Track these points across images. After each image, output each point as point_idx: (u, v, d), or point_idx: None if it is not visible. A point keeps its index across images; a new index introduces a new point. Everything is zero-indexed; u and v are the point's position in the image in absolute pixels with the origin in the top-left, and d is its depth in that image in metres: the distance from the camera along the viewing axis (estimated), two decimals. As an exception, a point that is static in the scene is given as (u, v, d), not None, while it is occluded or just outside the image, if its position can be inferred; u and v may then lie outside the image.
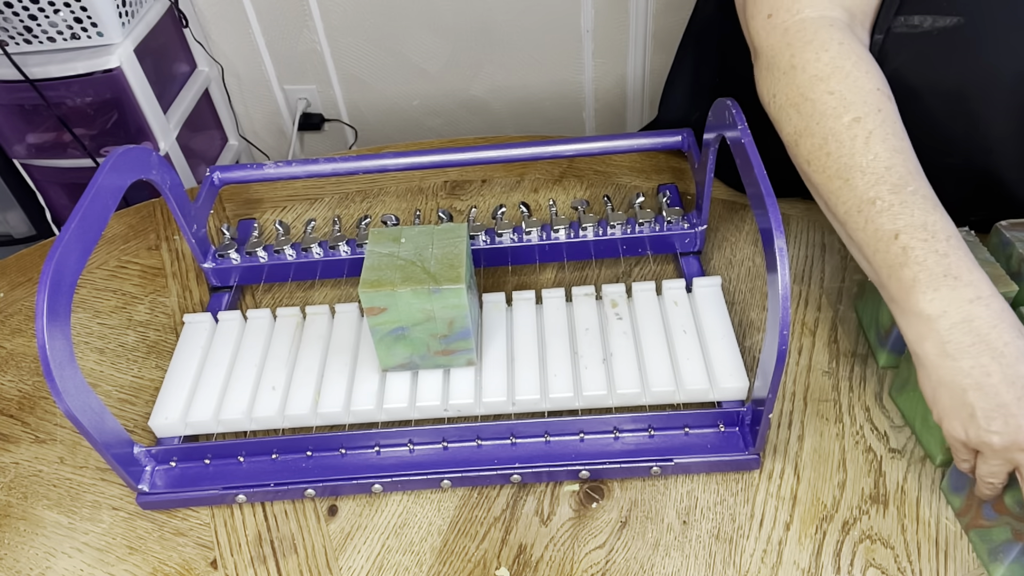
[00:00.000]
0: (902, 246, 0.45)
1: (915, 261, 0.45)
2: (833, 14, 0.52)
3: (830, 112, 0.49)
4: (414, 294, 0.53)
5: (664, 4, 1.32)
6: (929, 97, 0.56)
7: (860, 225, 0.47)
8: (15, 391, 0.66)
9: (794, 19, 0.52)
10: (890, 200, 0.46)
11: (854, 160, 0.48)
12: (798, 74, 0.51)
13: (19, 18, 1.17)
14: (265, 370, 0.60)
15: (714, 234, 0.72)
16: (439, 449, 0.56)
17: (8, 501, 0.58)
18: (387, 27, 1.41)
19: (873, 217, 0.46)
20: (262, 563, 0.53)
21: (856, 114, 0.48)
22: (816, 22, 0.52)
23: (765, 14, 0.54)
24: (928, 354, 0.45)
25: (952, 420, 0.45)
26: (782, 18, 0.53)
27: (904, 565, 0.49)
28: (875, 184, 0.47)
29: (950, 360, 0.44)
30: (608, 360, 0.58)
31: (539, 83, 1.46)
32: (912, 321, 0.45)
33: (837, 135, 0.48)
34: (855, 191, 0.47)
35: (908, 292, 0.45)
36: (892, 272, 0.46)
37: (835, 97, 0.49)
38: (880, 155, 0.47)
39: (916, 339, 0.45)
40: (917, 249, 0.45)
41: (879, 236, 0.46)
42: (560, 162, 0.81)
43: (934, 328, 0.44)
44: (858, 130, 0.48)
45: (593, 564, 0.51)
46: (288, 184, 0.83)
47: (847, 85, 0.49)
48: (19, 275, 0.77)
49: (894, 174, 0.47)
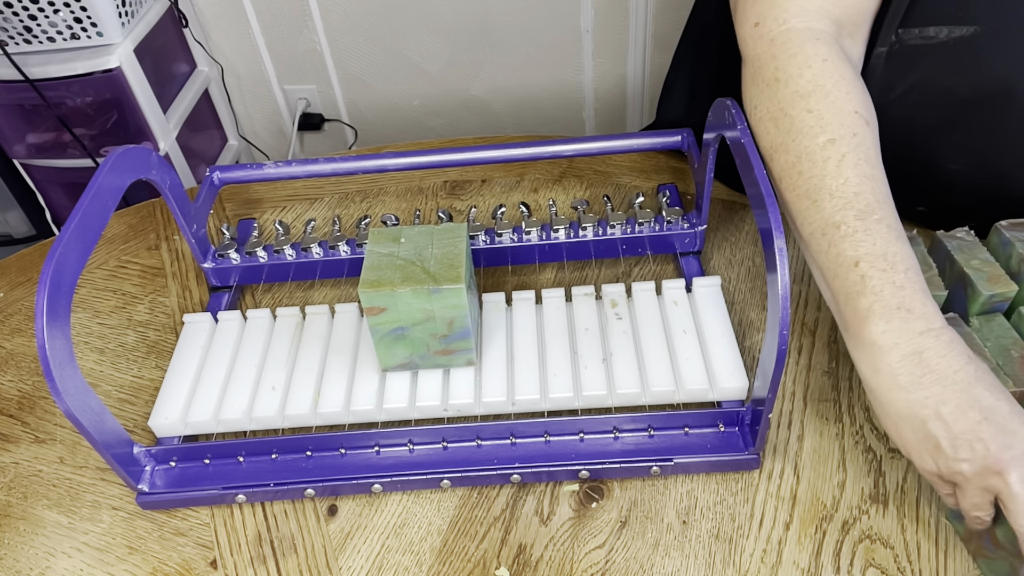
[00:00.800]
0: (861, 274, 0.45)
1: (872, 291, 0.45)
2: (820, 26, 0.52)
3: (807, 131, 0.49)
4: (414, 294, 0.53)
5: (664, 4, 1.32)
6: (945, 106, 0.56)
7: (823, 248, 0.47)
8: (15, 391, 0.66)
9: (780, 29, 0.52)
10: (855, 226, 0.46)
11: (824, 182, 0.47)
12: (780, 88, 0.51)
13: (19, 18, 1.18)
14: (265, 370, 0.60)
15: (714, 234, 0.72)
16: (439, 449, 0.56)
17: (8, 501, 0.58)
18: (387, 27, 1.41)
19: (836, 242, 0.46)
20: (262, 563, 0.53)
21: (832, 135, 0.48)
22: (802, 34, 0.51)
23: (752, 22, 0.54)
24: (881, 387, 0.45)
25: (920, 454, 0.44)
26: (769, 27, 0.53)
27: (904, 565, 0.49)
28: (842, 208, 0.47)
29: (903, 392, 0.44)
30: (608, 360, 0.58)
31: (539, 83, 1.46)
32: (865, 352, 0.45)
33: (811, 155, 0.48)
34: (822, 213, 0.47)
35: (862, 322, 0.45)
36: (848, 300, 0.46)
37: (813, 116, 0.49)
38: (850, 179, 0.47)
39: (869, 371, 0.45)
40: (875, 279, 0.45)
41: (840, 262, 0.46)
42: (560, 162, 0.81)
43: (886, 360, 0.44)
44: (831, 152, 0.48)
45: (593, 564, 0.51)
46: (288, 184, 0.83)
47: (826, 105, 0.49)
48: (19, 275, 0.77)
49: (862, 200, 0.47)
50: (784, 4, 0.53)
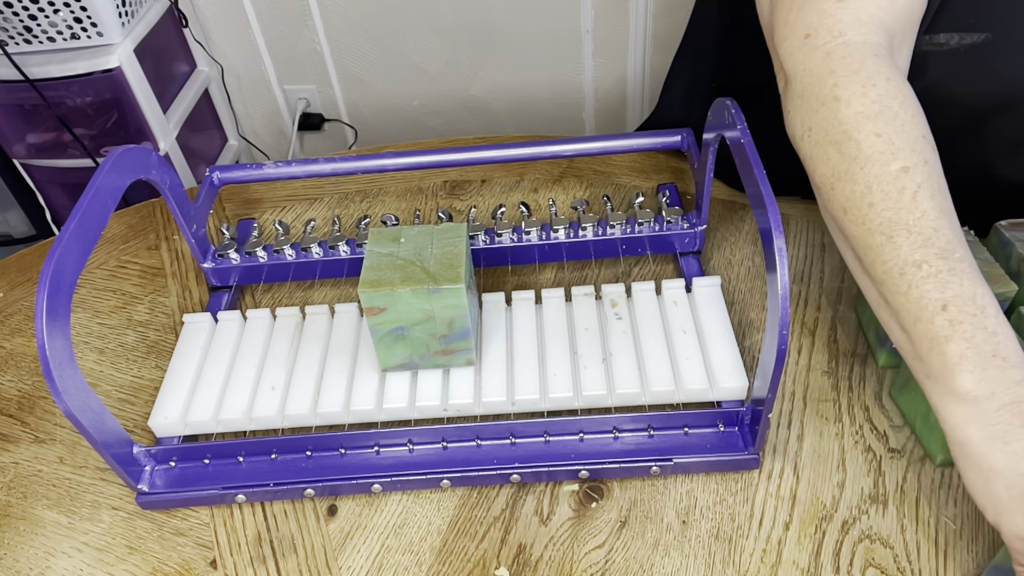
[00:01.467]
0: (949, 319, 0.41)
1: (963, 336, 0.41)
2: (876, 39, 0.47)
3: (876, 157, 0.44)
4: (414, 294, 0.53)
5: (664, 4, 1.32)
6: (954, 112, 0.55)
7: (902, 289, 0.43)
8: (15, 391, 0.66)
9: (836, 42, 0.47)
10: (938, 266, 0.42)
11: (900, 216, 0.43)
12: (842, 108, 0.46)
13: (19, 18, 1.18)
14: (265, 370, 0.60)
15: (714, 234, 0.72)
16: (439, 449, 0.56)
17: (8, 501, 0.58)
18: (387, 27, 1.41)
19: (918, 283, 0.42)
20: (262, 563, 0.53)
21: (905, 163, 0.44)
22: (861, 48, 0.47)
23: (802, 34, 0.49)
24: (973, 439, 0.41)
25: (1012, 514, 0.40)
26: (823, 39, 0.48)
27: (904, 565, 0.49)
28: (922, 246, 0.43)
29: (1001, 443, 0.40)
30: (608, 360, 0.58)
31: (539, 83, 1.46)
32: (953, 404, 0.42)
33: (883, 184, 0.44)
34: (899, 251, 0.43)
35: (952, 370, 0.41)
36: (935, 345, 0.42)
37: (883, 141, 0.44)
38: (928, 213, 0.43)
39: (959, 423, 0.41)
40: (965, 324, 0.41)
41: (923, 304, 0.42)
42: (560, 162, 0.81)
43: (980, 410, 0.40)
44: (906, 182, 0.44)
45: (593, 564, 0.51)
46: (288, 184, 0.83)
47: (895, 128, 0.45)
48: (19, 275, 0.77)
49: (942, 237, 0.43)
50: (837, 14, 0.48)
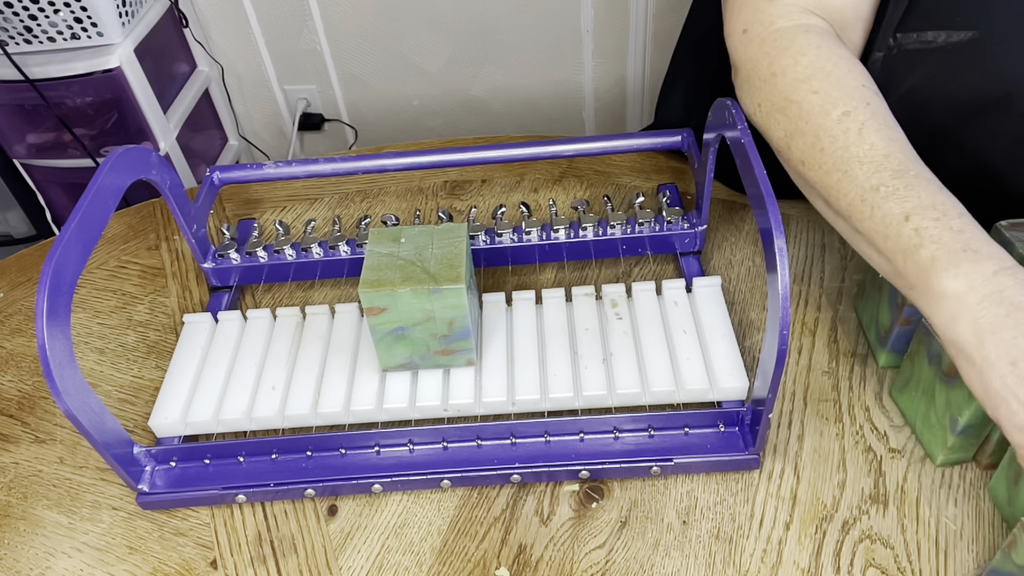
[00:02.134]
0: (914, 227, 0.43)
1: (931, 240, 0.43)
2: (809, 21, 0.52)
3: (817, 109, 0.49)
4: (414, 294, 0.53)
5: (664, 4, 1.32)
6: (944, 110, 0.56)
7: (866, 214, 0.46)
8: (15, 391, 0.66)
9: (768, 31, 0.53)
10: (894, 185, 0.45)
11: (849, 152, 0.47)
12: (778, 80, 0.51)
13: (19, 18, 1.18)
14: (265, 370, 0.60)
15: (714, 234, 0.72)
16: (439, 449, 0.56)
17: (8, 501, 0.58)
18: (387, 27, 1.41)
19: (879, 203, 0.45)
20: (262, 563, 0.53)
21: (845, 108, 0.48)
22: (791, 31, 0.52)
23: (740, 29, 0.55)
24: (962, 335, 0.41)
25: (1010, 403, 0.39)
26: (756, 31, 0.53)
27: (904, 565, 0.49)
28: (876, 172, 0.46)
29: (989, 335, 0.40)
30: (608, 360, 0.58)
31: (539, 83, 1.46)
32: (938, 304, 0.42)
33: (828, 130, 0.48)
34: (855, 181, 0.46)
35: (928, 273, 0.42)
36: (908, 255, 0.44)
37: (820, 95, 0.49)
38: (876, 144, 0.46)
39: (947, 322, 0.42)
40: (931, 228, 0.43)
41: (888, 221, 0.45)
42: (560, 162, 0.81)
43: (964, 305, 0.41)
44: (849, 123, 0.47)
45: (593, 564, 0.51)
46: (288, 184, 0.83)
47: (830, 83, 0.49)
48: (19, 275, 0.77)
49: (893, 161, 0.46)
50: (768, 9, 0.53)
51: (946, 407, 0.51)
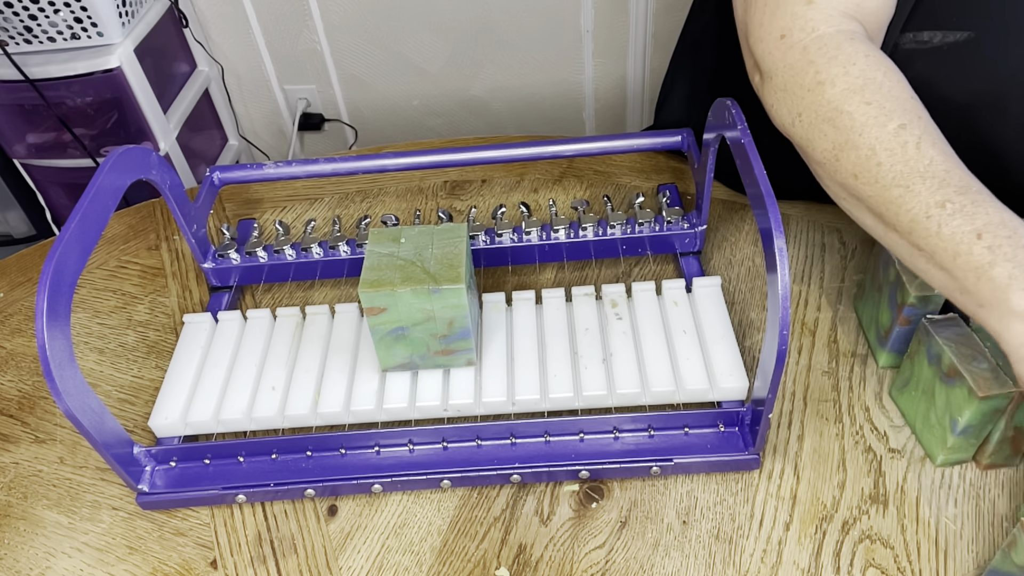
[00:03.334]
0: (987, 245, 0.42)
1: (1005, 258, 0.42)
2: (850, 27, 0.50)
3: (872, 122, 0.47)
4: (414, 294, 0.53)
5: (664, 4, 1.32)
6: (938, 110, 0.56)
7: (932, 231, 0.44)
8: (15, 391, 0.66)
9: (811, 37, 0.50)
10: (960, 201, 0.44)
11: (909, 166, 0.45)
12: (827, 89, 0.49)
13: (19, 18, 1.18)
14: (265, 370, 0.60)
15: (714, 234, 0.72)
16: (439, 449, 0.56)
17: (8, 501, 0.58)
18: (387, 27, 1.41)
19: (946, 220, 0.44)
20: (262, 563, 0.53)
21: (900, 121, 0.46)
22: (835, 37, 0.50)
23: (777, 35, 0.52)
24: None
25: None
26: (797, 37, 0.51)
27: (904, 565, 0.49)
28: (940, 188, 0.44)
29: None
30: (608, 360, 0.58)
31: (539, 83, 1.46)
32: (1013, 323, 0.42)
33: (885, 143, 0.46)
34: (918, 197, 0.45)
35: (1005, 291, 0.42)
36: (981, 274, 0.43)
37: (874, 107, 0.47)
38: (935, 159, 0.45)
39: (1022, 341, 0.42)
40: (1004, 247, 0.42)
41: (958, 239, 0.43)
42: (560, 162, 0.81)
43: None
44: (907, 136, 0.46)
45: (593, 564, 0.51)
46: (288, 184, 0.83)
47: (883, 94, 0.47)
48: (19, 275, 0.77)
49: (954, 176, 0.45)
50: (808, 13, 0.51)
51: (946, 407, 0.51)
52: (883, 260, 0.58)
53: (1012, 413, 0.49)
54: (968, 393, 0.48)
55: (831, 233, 0.71)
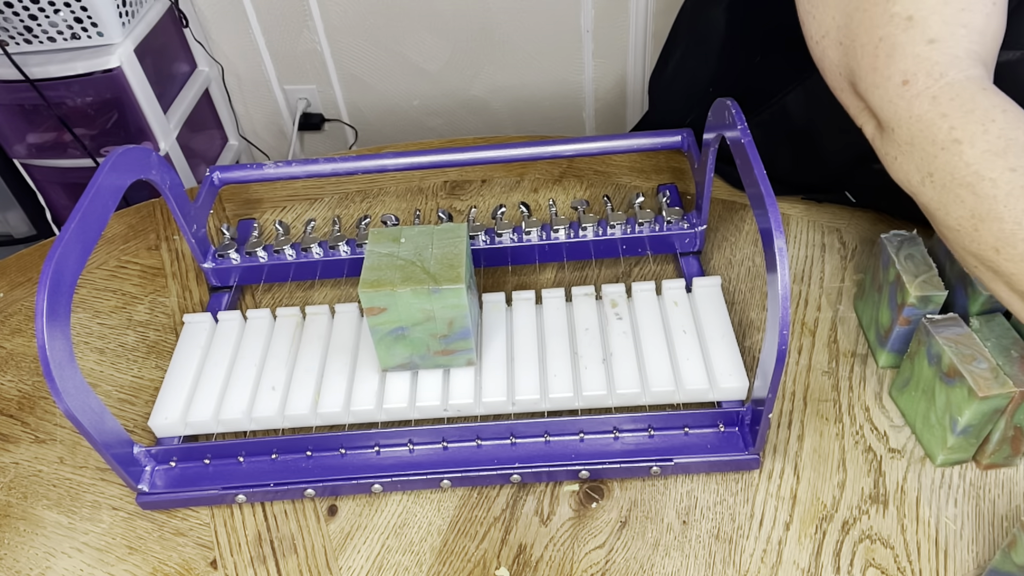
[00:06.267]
0: None
1: None
2: (978, 72, 0.46)
3: (1019, 192, 0.43)
4: (414, 294, 0.53)
5: (664, 4, 1.32)
6: None
7: None
8: (15, 391, 0.66)
9: (939, 84, 0.45)
10: None
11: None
12: (965, 149, 0.44)
13: (19, 18, 1.18)
14: (265, 370, 0.60)
15: (714, 234, 0.72)
16: (439, 449, 0.56)
17: (8, 501, 0.58)
18: (387, 27, 1.41)
19: None
20: (262, 563, 0.53)
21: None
22: (967, 85, 0.45)
23: (899, 81, 0.47)
24: None
25: None
26: (924, 84, 0.46)
27: (904, 565, 0.49)
28: None
29: None
30: (608, 360, 0.58)
31: (539, 83, 1.46)
32: None
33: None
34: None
35: None
36: None
37: (1019, 174, 0.43)
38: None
39: None
40: None
41: None
42: (560, 162, 0.81)
43: None
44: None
45: (593, 564, 0.51)
46: (288, 184, 0.83)
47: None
48: (19, 275, 0.77)
49: None
50: (933, 56, 0.46)
51: (946, 407, 0.51)
52: (883, 260, 0.58)
53: (1012, 413, 0.49)
54: (968, 393, 0.48)
55: (831, 233, 0.71)
